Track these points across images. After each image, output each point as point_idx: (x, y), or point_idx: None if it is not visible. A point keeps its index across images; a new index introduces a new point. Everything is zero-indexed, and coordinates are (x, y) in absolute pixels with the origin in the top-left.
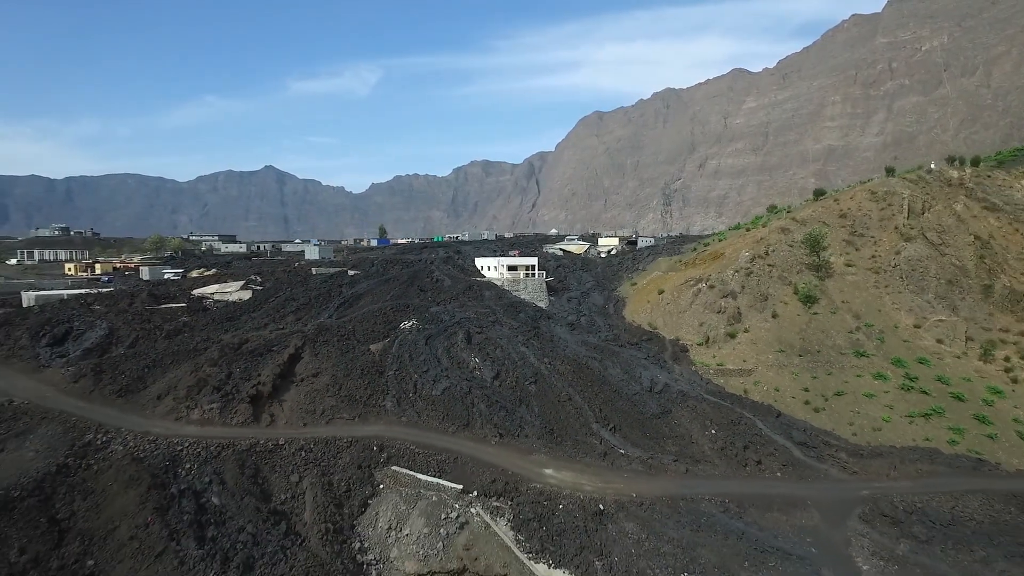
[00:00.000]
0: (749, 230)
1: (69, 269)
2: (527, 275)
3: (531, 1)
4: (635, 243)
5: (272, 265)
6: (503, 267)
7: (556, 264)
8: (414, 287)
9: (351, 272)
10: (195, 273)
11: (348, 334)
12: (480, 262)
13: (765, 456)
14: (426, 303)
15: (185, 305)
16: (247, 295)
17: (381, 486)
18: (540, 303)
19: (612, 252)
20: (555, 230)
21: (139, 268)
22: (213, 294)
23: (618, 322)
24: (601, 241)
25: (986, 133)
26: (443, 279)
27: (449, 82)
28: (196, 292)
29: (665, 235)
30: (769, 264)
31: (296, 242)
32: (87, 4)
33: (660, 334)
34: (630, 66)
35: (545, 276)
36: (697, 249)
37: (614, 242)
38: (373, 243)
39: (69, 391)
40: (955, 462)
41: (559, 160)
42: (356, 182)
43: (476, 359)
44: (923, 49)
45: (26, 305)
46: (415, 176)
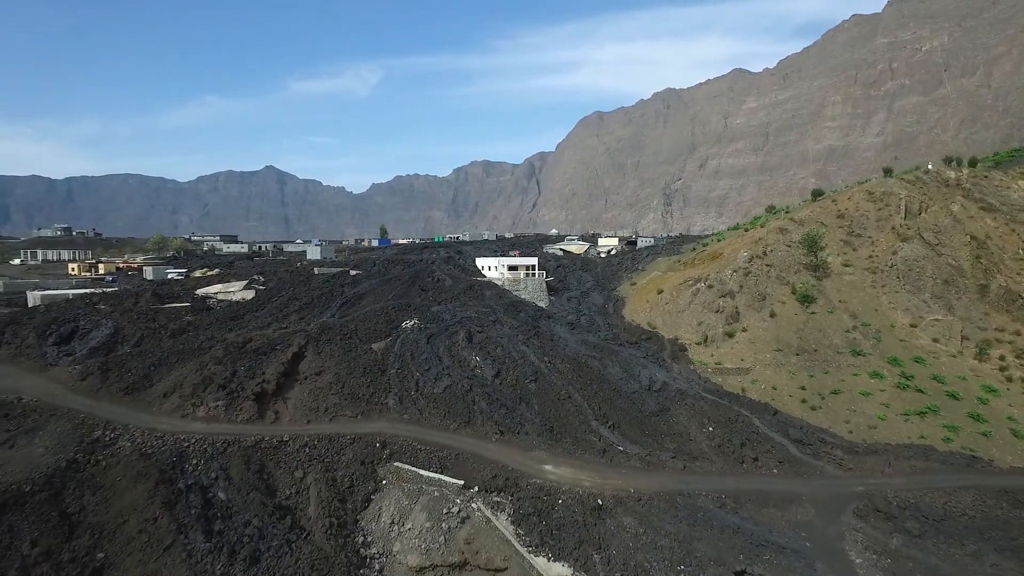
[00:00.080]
0: (748, 230)
1: (73, 269)
2: (527, 275)
3: (531, 1)
4: (635, 243)
5: (274, 265)
6: (503, 267)
7: (556, 264)
8: (415, 287)
9: (353, 272)
10: (198, 273)
11: (351, 333)
12: (481, 262)
13: (762, 453)
14: (427, 302)
15: (189, 304)
16: (250, 295)
17: (384, 482)
18: (540, 303)
19: (612, 252)
20: (555, 230)
21: (142, 268)
22: (216, 294)
23: (617, 321)
24: (601, 241)
25: (986, 133)
26: (444, 279)
27: (449, 82)
28: (200, 292)
29: (665, 235)
30: (767, 264)
31: (298, 242)
32: (87, 4)
33: (659, 333)
34: (630, 66)
35: (545, 276)
36: (696, 249)
37: (614, 242)
38: (374, 243)
39: (76, 389)
40: (949, 459)
41: (559, 160)
42: (357, 182)
43: (477, 358)
44: (923, 49)
45: (32, 305)
46: (415, 176)
